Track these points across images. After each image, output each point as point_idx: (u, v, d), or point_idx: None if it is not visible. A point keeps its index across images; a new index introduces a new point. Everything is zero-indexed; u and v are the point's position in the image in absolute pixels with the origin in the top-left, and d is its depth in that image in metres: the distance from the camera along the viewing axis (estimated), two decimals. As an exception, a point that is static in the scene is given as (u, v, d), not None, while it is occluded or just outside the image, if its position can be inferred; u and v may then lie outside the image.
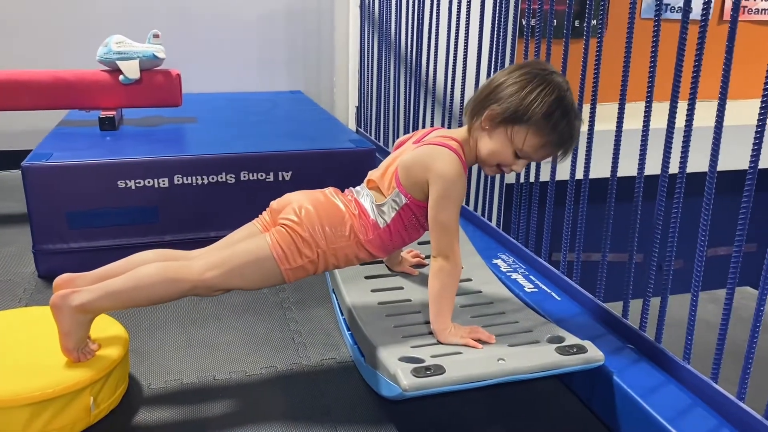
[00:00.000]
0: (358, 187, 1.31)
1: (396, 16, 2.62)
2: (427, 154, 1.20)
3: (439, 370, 1.05)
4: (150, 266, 1.15)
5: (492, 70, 1.89)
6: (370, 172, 1.32)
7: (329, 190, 1.29)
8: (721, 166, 1.12)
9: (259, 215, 1.33)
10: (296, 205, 1.23)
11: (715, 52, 1.21)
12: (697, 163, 1.25)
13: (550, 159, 1.23)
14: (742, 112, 2.34)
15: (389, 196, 1.23)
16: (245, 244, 1.20)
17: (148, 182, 1.76)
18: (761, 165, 1.04)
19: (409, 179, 1.21)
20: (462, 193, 1.20)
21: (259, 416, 1.19)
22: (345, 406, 1.23)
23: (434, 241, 1.19)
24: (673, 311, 1.27)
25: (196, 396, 1.24)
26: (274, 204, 1.30)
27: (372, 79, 2.95)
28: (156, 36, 2.17)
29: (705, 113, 1.30)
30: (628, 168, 1.40)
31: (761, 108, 1.00)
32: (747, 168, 1.03)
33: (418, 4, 2.40)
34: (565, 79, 1.19)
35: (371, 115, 3.01)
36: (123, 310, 1.29)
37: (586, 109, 1.45)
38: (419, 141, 1.28)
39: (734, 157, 1.51)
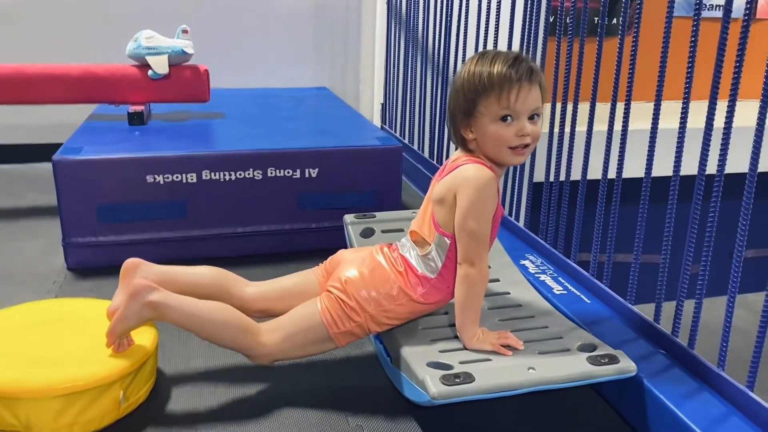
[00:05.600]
0: (403, 239, 1.29)
1: (424, 12, 2.60)
2: (453, 176, 1.19)
3: (468, 378, 1.03)
4: (232, 309, 1.20)
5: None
6: (412, 222, 1.30)
7: (376, 248, 1.29)
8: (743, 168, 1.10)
9: (319, 265, 1.35)
10: (341, 272, 1.24)
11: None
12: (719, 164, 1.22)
13: (531, 104, 1.14)
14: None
15: (433, 243, 1.21)
16: (299, 310, 1.23)
17: (177, 177, 1.77)
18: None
19: (444, 210, 1.18)
20: (492, 200, 1.16)
21: (284, 410, 1.19)
22: (370, 401, 1.23)
23: (461, 247, 1.17)
24: (701, 315, 1.24)
25: (223, 391, 1.24)
26: (327, 263, 1.33)
27: (398, 77, 2.94)
28: (185, 31, 2.18)
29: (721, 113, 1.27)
30: (661, 168, 1.37)
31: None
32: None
33: (447, 0, 2.38)
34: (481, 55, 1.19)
35: (396, 112, 3.00)
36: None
37: (620, 107, 1.43)
38: (443, 174, 1.24)
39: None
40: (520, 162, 1.21)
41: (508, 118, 1.13)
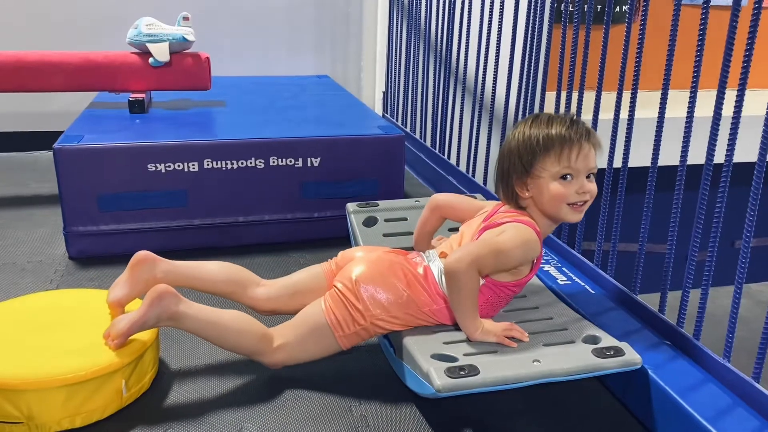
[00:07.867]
0: (430, 251, 1.29)
1: None
2: (504, 226, 1.19)
3: (473, 371, 1.03)
4: (250, 318, 1.19)
5: (527, 56, 1.84)
6: (442, 244, 1.30)
7: (393, 251, 1.29)
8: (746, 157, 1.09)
9: (328, 260, 1.34)
10: (352, 271, 1.23)
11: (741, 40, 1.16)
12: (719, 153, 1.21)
13: (589, 163, 1.19)
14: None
15: None
16: (306, 316, 1.22)
17: (178, 166, 1.76)
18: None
19: None
20: (526, 257, 1.18)
21: (288, 400, 1.19)
22: (374, 391, 1.23)
23: (469, 245, 1.16)
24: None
25: (226, 380, 1.24)
26: (338, 258, 1.32)
27: (400, 65, 2.92)
28: (186, 18, 2.16)
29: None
30: (666, 157, 1.36)
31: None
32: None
33: (450, -13, 2.35)
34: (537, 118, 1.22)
35: (398, 101, 2.98)
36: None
37: (626, 96, 1.41)
38: (488, 219, 1.24)
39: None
40: (577, 219, 1.22)
41: (569, 176, 1.17)
